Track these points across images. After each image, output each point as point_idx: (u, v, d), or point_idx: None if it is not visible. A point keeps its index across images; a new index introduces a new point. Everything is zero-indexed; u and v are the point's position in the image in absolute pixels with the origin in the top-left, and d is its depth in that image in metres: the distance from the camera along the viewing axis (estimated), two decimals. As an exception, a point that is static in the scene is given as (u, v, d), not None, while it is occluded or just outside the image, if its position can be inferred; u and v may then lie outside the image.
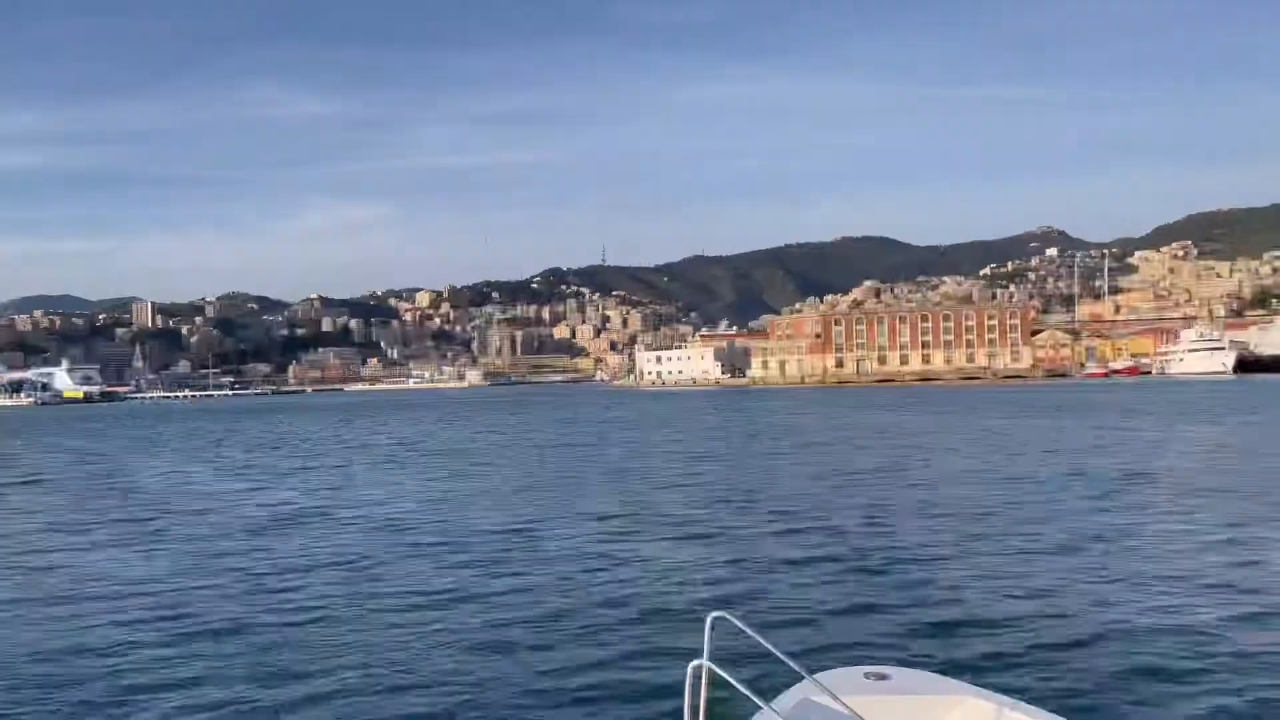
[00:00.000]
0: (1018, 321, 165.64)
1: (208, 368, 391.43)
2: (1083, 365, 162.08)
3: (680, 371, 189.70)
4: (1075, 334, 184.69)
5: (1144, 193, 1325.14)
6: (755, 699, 4.19)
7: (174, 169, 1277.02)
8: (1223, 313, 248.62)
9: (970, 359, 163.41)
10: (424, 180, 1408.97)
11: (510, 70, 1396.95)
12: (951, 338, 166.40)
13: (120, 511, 22.08)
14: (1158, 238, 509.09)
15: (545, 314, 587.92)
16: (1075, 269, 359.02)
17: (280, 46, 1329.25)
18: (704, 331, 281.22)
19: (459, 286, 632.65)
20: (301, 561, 15.06)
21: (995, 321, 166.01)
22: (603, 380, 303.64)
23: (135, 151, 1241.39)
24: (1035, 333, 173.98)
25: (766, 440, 38.89)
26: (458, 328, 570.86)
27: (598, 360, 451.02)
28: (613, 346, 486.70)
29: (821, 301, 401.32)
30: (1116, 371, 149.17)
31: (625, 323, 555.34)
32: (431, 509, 20.70)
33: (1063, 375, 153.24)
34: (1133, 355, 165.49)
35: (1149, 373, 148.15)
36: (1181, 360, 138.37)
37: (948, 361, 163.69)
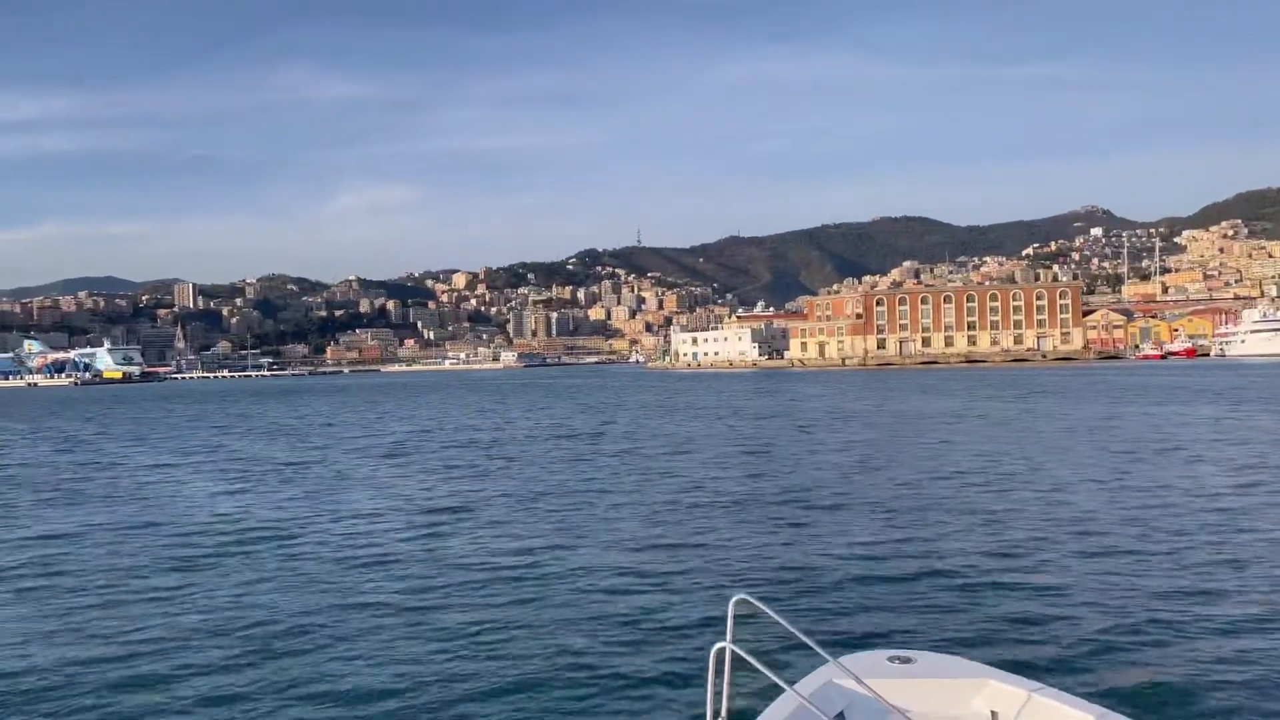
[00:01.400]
0: (1068, 301, 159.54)
1: (247, 348, 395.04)
2: (1137, 347, 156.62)
3: (716, 353, 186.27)
4: (1127, 314, 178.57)
5: (1192, 171, 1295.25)
6: (779, 681, 4.14)
7: (209, 151, 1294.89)
8: (1275, 293, 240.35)
9: (1018, 340, 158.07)
10: (456, 162, 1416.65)
11: (541, 51, 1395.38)
12: (998, 318, 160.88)
13: (45, 521, 18.66)
14: (1206, 217, 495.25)
15: (580, 295, 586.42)
16: (1125, 248, 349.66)
17: (309, 29, 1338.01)
18: (740, 312, 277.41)
19: (494, 268, 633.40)
20: (186, 617, 10.72)
21: (1044, 301, 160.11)
22: (638, 361, 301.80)
23: (172, 135, 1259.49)
24: (1086, 313, 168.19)
25: (829, 432, 35.27)
26: (493, 309, 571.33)
27: (633, 341, 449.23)
28: (648, 328, 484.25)
29: (859, 282, 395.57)
30: (1174, 353, 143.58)
31: (660, 304, 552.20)
32: (421, 522, 17.30)
33: (1115, 357, 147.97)
34: (1189, 336, 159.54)
35: (1207, 354, 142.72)
36: (1243, 342, 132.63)
37: (994, 343, 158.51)
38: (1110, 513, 15.57)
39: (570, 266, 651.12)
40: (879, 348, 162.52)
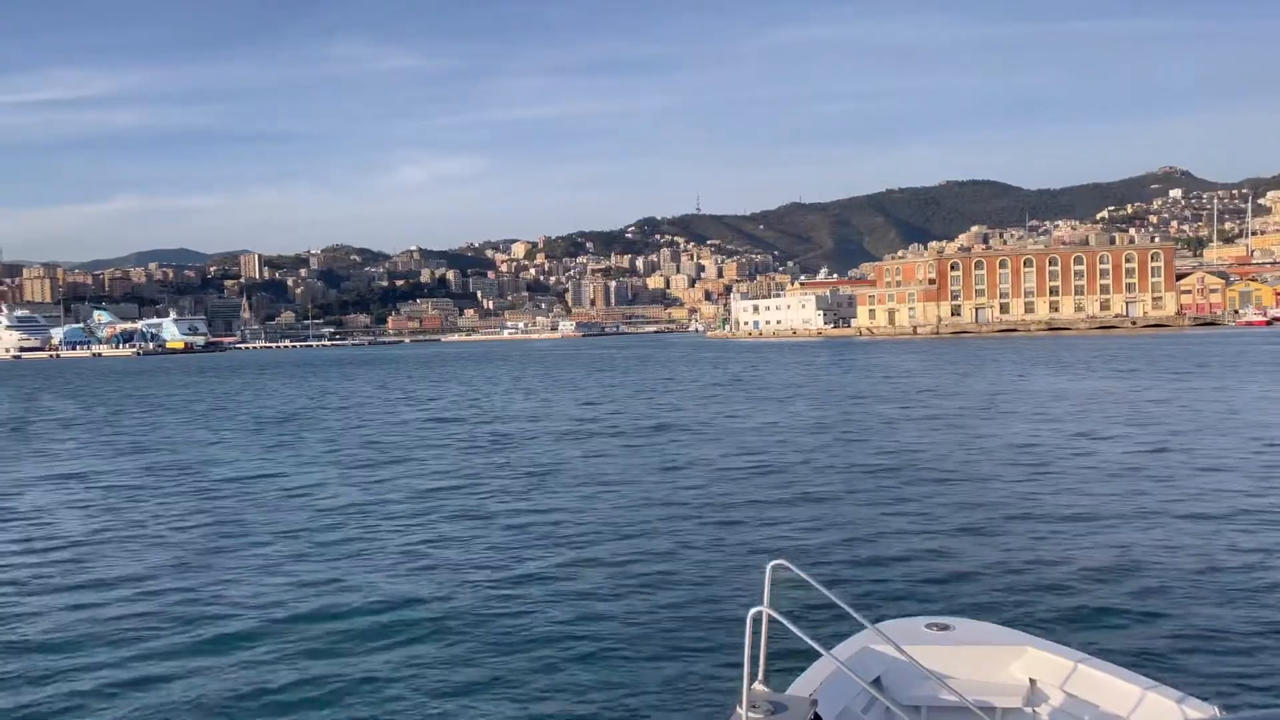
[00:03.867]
0: (1160, 264, 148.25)
1: (310, 318, 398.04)
2: (1236, 312, 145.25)
3: (779, 321, 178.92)
4: (1224, 277, 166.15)
5: (1274, 129, 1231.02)
6: (815, 646, 4.17)
7: (274, 125, 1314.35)
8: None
9: (1105, 306, 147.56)
10: (515, 132, 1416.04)
11: (598, 18, 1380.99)
12: (1083, 283, 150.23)
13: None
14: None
15: (639, 264, 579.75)
16: (1213, 210, 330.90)
17: (365, 2, 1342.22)
18: (802, 279, 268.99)
19: (553, 237, 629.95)
20: None
21: (1133, 264, 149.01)
22: (698, 330, 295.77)
23: (237, 109, 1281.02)
24: (1180, 277, 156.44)
25: (972, 426, 28.15)
26: (552, 278, 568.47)
27: (692, 310, 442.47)
28: (707, 296, 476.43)
29: (925, 248, 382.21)
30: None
31: (720, 272, 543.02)
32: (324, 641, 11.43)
33: (1213, 323, 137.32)
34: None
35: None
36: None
37: (1079, 309, 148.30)
38: None
39: (629, 235, 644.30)
40: (953, 314, 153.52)
